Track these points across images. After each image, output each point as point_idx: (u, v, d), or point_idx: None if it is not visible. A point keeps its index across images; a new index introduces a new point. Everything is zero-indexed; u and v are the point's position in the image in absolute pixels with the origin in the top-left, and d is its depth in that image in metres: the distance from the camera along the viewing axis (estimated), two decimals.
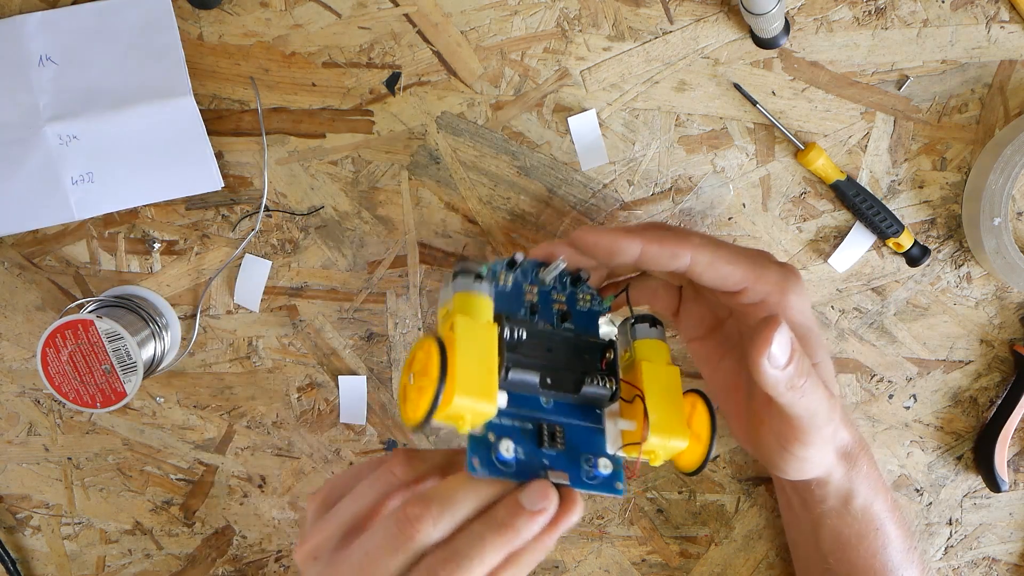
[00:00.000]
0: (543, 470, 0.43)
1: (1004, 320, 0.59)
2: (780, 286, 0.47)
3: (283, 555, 0.63)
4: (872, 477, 0.53)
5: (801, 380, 0.44)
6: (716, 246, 0.47)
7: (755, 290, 0.47)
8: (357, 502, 0.44)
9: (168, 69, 0.56)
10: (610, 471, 0.44)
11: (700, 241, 0.46)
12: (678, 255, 0.46)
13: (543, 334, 0.46)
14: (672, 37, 0.56)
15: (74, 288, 0.60)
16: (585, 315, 0.49)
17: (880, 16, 0.56)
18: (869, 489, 0.52)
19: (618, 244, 0.46)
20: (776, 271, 0.48)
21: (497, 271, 0.47)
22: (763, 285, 0.47)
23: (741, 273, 0.47)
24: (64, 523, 0.63)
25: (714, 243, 0.47)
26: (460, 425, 0.41)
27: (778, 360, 0.43)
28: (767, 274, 0.47)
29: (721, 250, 0.47)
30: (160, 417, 0.62)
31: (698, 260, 0.46)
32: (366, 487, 0.45)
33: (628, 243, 0.46)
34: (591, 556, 0.62)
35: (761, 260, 0.48)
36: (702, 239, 0.47)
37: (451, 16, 0.56)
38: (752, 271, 0.47)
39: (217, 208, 0.59)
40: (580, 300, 0.49)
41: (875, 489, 0.53)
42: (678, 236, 0.46)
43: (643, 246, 0.46)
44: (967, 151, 0.58)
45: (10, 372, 0.61)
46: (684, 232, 0.47)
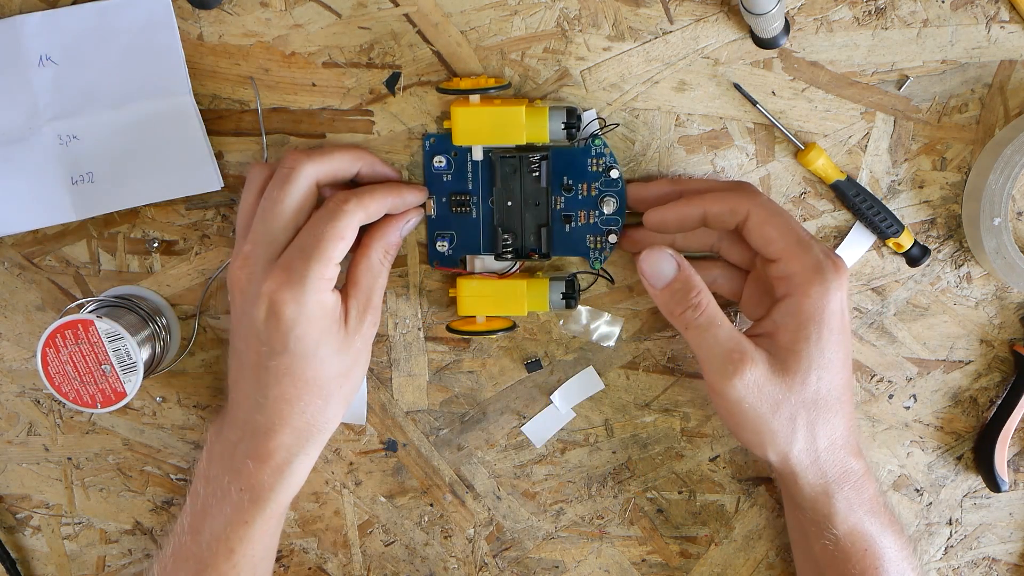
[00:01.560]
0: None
1: (1004, 320, 0.59)
2: (811, 272, 0.49)
3: (283, 555, 0.63)
4: (859, 501, 0.52)
5: (679, 309, 0.50)
6: (774, 212, 0.51)
7: (786, 264, 0.50)
8: (272, 205, 0.52)
9: (168, 69, 0.56)
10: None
11: (762, 201, 0.51)
12: (737, 211, 0.51)
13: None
14: (672, 37, 0.56)
15: (74, 288, 0.60)
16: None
17: (880, 16, 0.56)
18: (854, 513, 0.52)
19: (684, 212, 0.52)
20: (816, 258, 0.49)
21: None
22: (794, 264, 0.50)
23: (782, 244, 0.50)
24: (64, 523, 0.63)
25: (774, 209, 0.51)
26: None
27: (649, 278, 0.51)
28: (804, 256, 0.49)
29: (777, 217, 0.50)
30: (160, 417, 0.62)
31: (754, 215, 0.50)
32: (276, 191, 0.52)
33: (691, 209, 0.52)
34: (591, 556, 0.62)
35: (808, 244, 0.50)
36: (765, 201, 0.51)
37: (451, 16, 0.56)
38: (793, 247, 0.50)
39: (217, 208, 0.59)
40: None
41: (865, 511, 0.52)
42: (740, 194, 0.51)
43: (705, 209, 0.51)
44: (967, 151, 0.58)
45: (10, 372, 0.61)
46: (747, 191, 0.51)
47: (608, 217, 0.57)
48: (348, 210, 0.51)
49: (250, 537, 0.53)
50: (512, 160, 0.56)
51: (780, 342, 0.50)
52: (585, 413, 0.61)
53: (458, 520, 0.62)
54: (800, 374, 0.50)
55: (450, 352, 0.60)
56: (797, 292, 0.50)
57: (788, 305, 0.50)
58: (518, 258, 0.57)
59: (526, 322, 0.60)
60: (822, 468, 0.51)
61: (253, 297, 0.51)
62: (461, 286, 0.57)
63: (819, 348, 0.50)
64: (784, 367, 0.50)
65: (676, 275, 0.51)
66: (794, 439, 0.50)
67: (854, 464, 0.52)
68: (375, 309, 0.55)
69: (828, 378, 0.50)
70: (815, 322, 0.49)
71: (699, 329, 0.50)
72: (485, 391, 0.61)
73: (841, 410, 0.51)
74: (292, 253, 0.50)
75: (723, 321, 0.50)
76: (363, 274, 0.54)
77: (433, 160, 0.57)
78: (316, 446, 0.54)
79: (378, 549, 0.63)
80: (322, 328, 0.51)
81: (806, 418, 0.50)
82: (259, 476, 0.53)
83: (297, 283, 0.50)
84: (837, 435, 0.51)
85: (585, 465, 0.62)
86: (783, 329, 0.50)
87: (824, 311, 0.49)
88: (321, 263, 0.50)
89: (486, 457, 0.62)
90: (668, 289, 0.51)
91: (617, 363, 0.60)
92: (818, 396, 0.50)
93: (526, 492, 0.62)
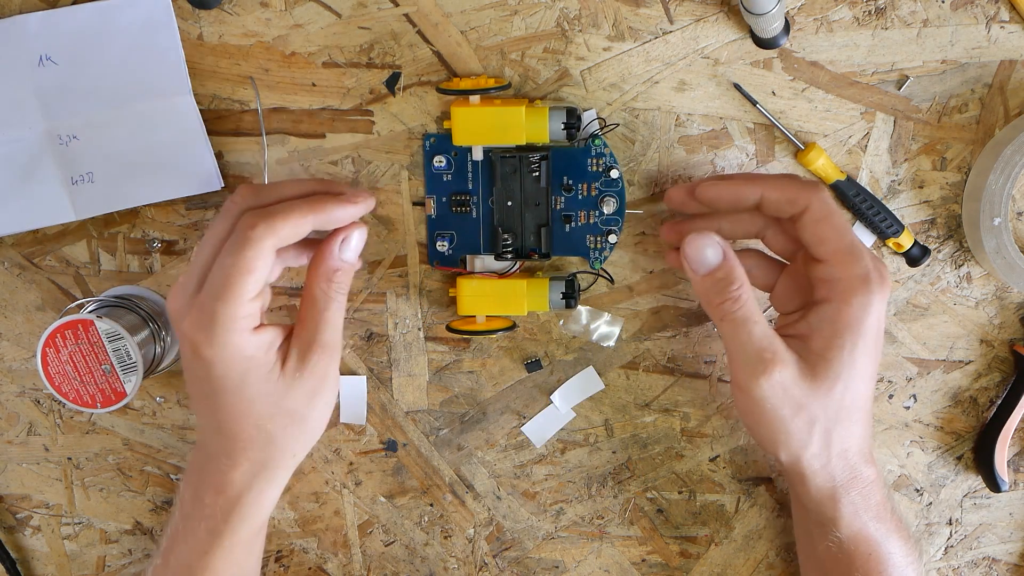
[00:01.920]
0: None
1: (1004, 320, 0.59)
2: (857, 282, 0.48)
3: (283, 555, 0.63)
4: (865, 506, 0.51)
5: (718, 299, 0.49)
6: (833, 211, 0.49)
7: (832, 268, 0.49)
8: (207, 236, 0.49)
9: (168, 69, 0.56)
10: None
11: (824, 197, 0.49)
12: (797, 202, 0.49)
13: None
14: (672, 37, 0.56)
15: (74, 288, 0.60)
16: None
17: (880, 16, 0.56)
18: (859, 517, 0.51)
19: (741, 192, 0.50)
20: (865, 268, 0.48)
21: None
22: (842, 270, 0.49)
23: (834, 247, 0.49)
24: (64, 523, 0.63)
25: (833, 208, 0.49)
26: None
27: (692, 263, 0.50)
28: (854, 264, 0.48)
29: (835, 217, 0.49)
30: (160, 417, 0.62)
31: (813, 210, 0.49)
32: (215, 224, 0.49)
33: (750, 189, 0.50)
34: (591, 556, 0.62)
35: (859, 252, 0.49)
36: (827, 198, 0.49)
37: (451, 16, 0.56)
38: (844, 252, 0.49)
39: (217, 208, 0.59)
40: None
41: (870, 516, 0.52)
42: (803, 185, 0.50)
43: (764, 192, 0.50)
44: (967, 151, 0.58)
45: (10, 372, 0.61)
46: (811, 184, 0.50)
47: (608, 217, 0.57)
48: (254, 237, 0.46)
49: (213, 567, 0.52)
50: (512, 160, 0.56)
51: (813, 347, 0.49)
52: (585, 413, 0.61)
53: (458, 520, 0.62)
54: (828, 382, 0.49)
55: (450, 352, 0.60)
56: (838, 299, 0.48)
57: (827, 311, 0.49)
58: (518, 258, 0.57)
59: (526, 322, 0.60)
60: (831, 472, 0.51)
61: (180, 335, 0.49)
62: (461, 286, 0.57)
63: (851, 358, 0.49)
64: (813, 373, 0.49)
65: (720, 264, 0.49)
66: (809, 443, 0.50)
67: (864, 470, 0.51)
68: (325, 348, 0.50)
69: (854, 388, 0.49)
70: (851, 332, 0.48)
71: (735, 323, 0.49)
72: (485, 391, 0.61)
73: (860, 419, 0.51)
74: (204, 292, 0.47)
75: (759, 318, 0.49)
76: (307, 310, 0.51)
77: (433, 160, 0.57)
78: (270, 481, 0.52)
79: (378, 549, 0.63)
80: (244, 369, 0.48)
81: (824, 424, 0.50)
82: (214, 508, 0.51)
83: (208, 325, 0.47)
84: (852, 443, 0.51)
85: (585, 465, 0.62)
86: (818, 334, 0.49)
87: (863, 323, 0.48)
88: (231, 303, 0.46)
89: (486, 457, 0.62)
90: (710, 277, 0.49)
91: (617, 363, 0.60)
92: (841, 405, 0.49)
93: (526, 492, 0.62)
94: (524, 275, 0.58)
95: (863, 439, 0.51)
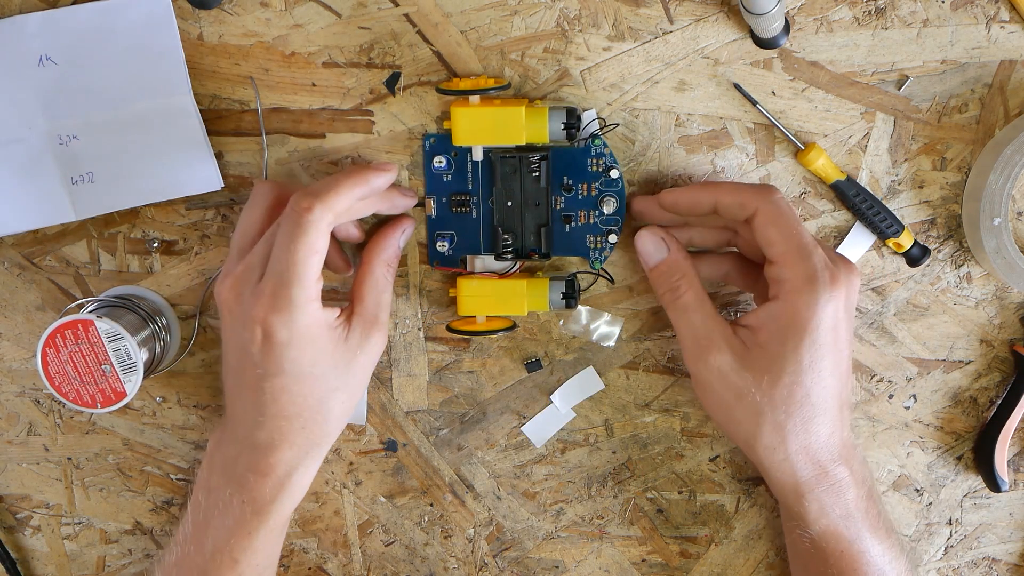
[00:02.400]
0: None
1: (1004, 320, 0.59)
2: (801, 282, 0.50)
3: (283, 555, 0.63)
4: (833, 504, 0.52)
5: (662, 289, 0.54)
6: (781, 214, 0.51)
7: (780, 269, 0.50)
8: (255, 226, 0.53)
9: (168, 69, 0.56)
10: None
11: (774, 200, 0.51)
12: (747, 206, 0.51)
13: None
14: (672, 37, 0.56)
15: (74, 288, 0.60)
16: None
17: (880, 16, 0.56)
18: (826, 516, 0.52)
19: (697, 197, 0.53)
20: (811, 268, 0.50)
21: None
22: (788, 270, 0.50)
23: (782, 248, 0.50)
24: (64, 523, 0.63)
25: (782, 211, 0.51)
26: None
27: (642, 257, 0.55)
28: (799, 264, 0.50)
29: (782, 219, 0.51)
30: (160, 417, 0.62)
31: (762, 213, 0.51)
32: (256, 213, 0.53)
33: (705, 194, 0.53)
34: (591, 556, 0.62)
35: (807, 252, 0.50)
36: (777, 201, 0.51)
37: (451, 16, 0.56)
38: (791, 252, 0.50)
39: (217, 208, 0.59)
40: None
41: (840, 515, 0.52)
42: (754, 190, 0.52)
43: (717, 197, 0.52)
44: (967, 151, 0.58)
45: (10, 372, 0.61)
46: (762, 188, 0.52)
47: (608, 217, 0.57)
48: (314, 220, 0.48)
49: (253, 548, 0.53)
50: (512, 160, 0.56)
51: (759, 339, 0.51)
52: (585, 413, 0.61)
53: (458, 520, 0.62)
54: (771, 374, 0.50)
55: (450, 352, 0.60)
56: (784, 298, 0.50)
57: (774, 308, 0.51)
58: (518, 258, 0.57)
59: (526, 322, 0.60)
60: (793, 469, 0.52)
61: (244, 321, 0.50)
62: (461, 286, 0.57)
63: (796, 355, 0.50)
64: (754, 363, 0.51)
65: (665, 258, 0.54)
66: (759, 433, 0.51)
67: (835, 469, 0.52)
68: (382, 326, 0.54)
69: (807, 383, 0.50)
70: (796, 330, 0.50)
71: (677, 310, 0.53)
72: (485, 391, 0.61)
73: (822, 416, 0.51)
74: (272, 278, 0.49)
75: (702, 307, 0.52)
76: (368, 292, 0.54)
77: (433, 160, 0.57)
78: (317, 458, 0.54)
79: (378, 549, 0.63)
80: (317, 348, 0.51)
81: (773, 417, 0.51)
82: (260, 489, 0.52)
83: (284, 308, 0.49)
84: (813, 440, 0.51)
85: (585, 465, 0.62)
86: (765, 329, 0.51)
87: (809, 322, 0.49)
88: (302, 286, 0.49)
89: (486, 457, 0.62)
90: (656, 270, 0.54)
91: (617, 363, 0.60)
92: (791, 399, 0.50)
93: (526, 492, 0.62)
94: (524, 275, 0.58)
95: (831, 437, 0.52)
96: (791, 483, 0.52)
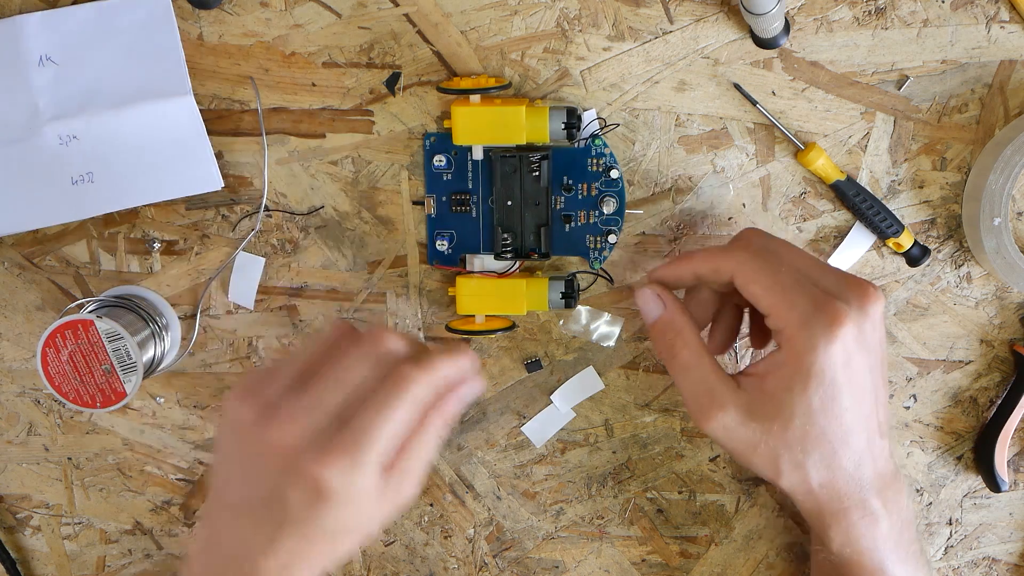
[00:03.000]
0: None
1: (1004, 320, 0.59)
2: (796, 328, 0.49)
3: None
4: (860, 536, 0.51)
5: (660, 346, 0.52)
6: (756, 269, 0.50)
7: (774, 320, 0.49)
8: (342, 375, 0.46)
9: (168, 69, 0.56)
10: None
11: (746, 258, 0.50)
12: (721, 271, 0.51)
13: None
14: (672, 37, 0.56)
15: (74, 288, 0.60)
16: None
17: (880, 16, 0.56)
18: (851, 545, 0.51)
19: (680, 273, 0.53)
20: (802, 313, 0.48)
21: None
22: (780, 320, 0.49)
23: (768, 301, 0.49)
24: (64, 523, 0.63)
25: (757, 266, 0.50)
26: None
27: (642, 313, 0.53)
28: (789, 313, 0.49)
29: (759, 274, 0.49)
30: (160, 417, 0.62)
31: (737, 276, 0.50)
32: (354, 363, 0.46)
33: (685, 270, 0.52)
34: (591, 556, 0.62)
35: (793, 299, 0.49)
36: (749, 258, 0.50)
37: (451, 16, 0.56)
38: (778, 303, 0.49)
39: (217, 208, 0.59)
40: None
41: (867, 546, 0.51)
42: (724, 255, 0.51)
43: (695, 270, 0.52)
44: (967, 151, 0.58)
45: (10, 372, 0.61)
46: (732, 251, 0.51)
47: (608, 217, 0.57)
48: (414, 395, 0.45)
49: None
50: (512, 160, 0.56)
51: (766, 388, 0.50)
52: (585, 413, 0.61)
53: (458, 520, 0.62)
54: (781, 420, 0.49)
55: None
56: (783, 346, 0.49)
57: (777, 356, 0.50)
58: (518, 257, 0.57)
59: (526, 322, 0.60)
60: (817, 502, 0.51)
61: (295, 468, 0.44)
62: (460, 285, 0.57)
63: (804, 399, 0.49)
64: (763, 413, 0.50)
65: (661, 316, 0.53)
66: (780, 474, 0.50)
67: (864, 501, 0.51)
68: (418, 483, 0.48)
69: (820, 424, 0.49)
70: (800, 377, 0.49)
71: (675, 370, 0.52)
72: (485, 391, 0.61)
73: (844, 451, 0.50)
74: (354, 431, 0.44)
75: (700, 365, 0.51)
76: (416, 449, 0.47)
77: (433, 160, 0.57)
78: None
79: (378, 549, 0.63)
80: (361, 504, 0.45)
81: (791, 458, 0.50)
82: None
83: (354, 467, 0.44)
84: (838, 475, 0.50)
85: (585, 465, 0.62)
86: (771, 377, 0.50)
87: (812, 367, 0.48)
88: (384, 446, 0.45)
89: (486, 457, 0.62)
90: (654, 327, 0.53)
91: (617, 363, 0.60)
92: (806, 439, 0.49)
93: (526, 492, 0.62)
94: (524, 275, 0.58)
95: (858, 470, 0.50)
96: (816, 512, 0.51)
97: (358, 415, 0.45)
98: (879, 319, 0.50)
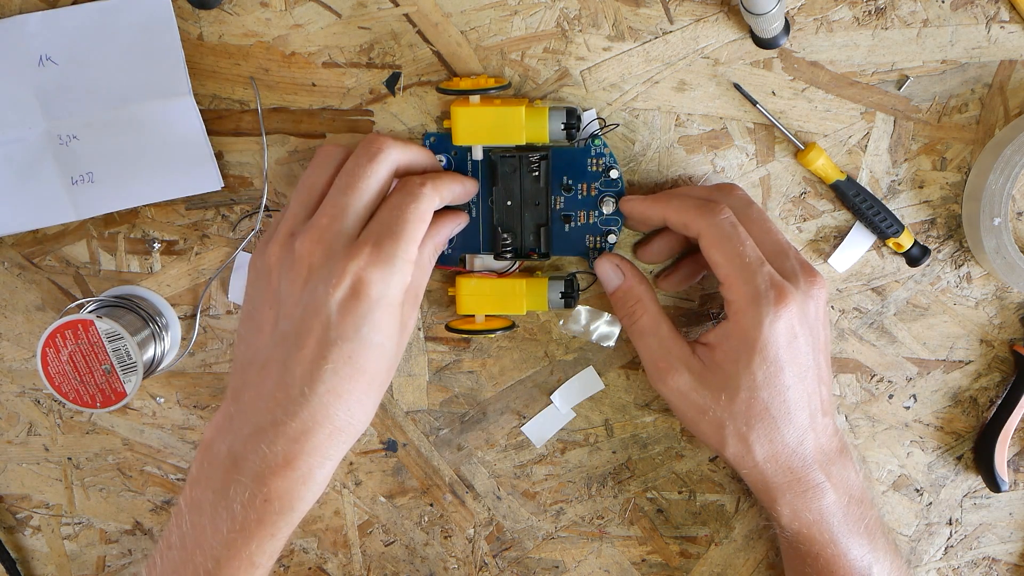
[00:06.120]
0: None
1: (1004, 320, 0.59)
2: (746, 302, 0.51)
3: (283, 555, 0.63)
4: (806, 509, 0.52)
5: (621, 313, 0.55)
6: (724, 236, 0.51)
7: (727, 290, 0.51)
8: (357, 182, 0.50)
9: (168, 69, 0.56)
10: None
11: (718, 221, 0.51)
12: (690, 227, 0.52)
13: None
14: (672, 37, 0.56)
15: (74, 288, 0.60)
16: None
17: (880, 16, 0.56)
18: (799, 519, 0.52)
19: (648, 211, 0.54)
20: (755, 288, 0.50)
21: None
22: (733, 292, 0.51)
23: (725, 270, 0.51)
24: (64, 523, 0.63)
25: (725, 233, 0.51)
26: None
27: (602, 282, 0.56)
28: (743, 286, 0.51)
29: (725, 242, 0.51)
30: (160, 417, 0.62)
31: (704, 237, 0.51)
32: (365, 170, 0.50)
33: (655, 211, 0.54)
34: (591, 556, 0.62)
35: (751, 272, 0.51)
36: (721, 222, 0.51)
37: (451, 16, 0.56)
38: (735, 274, 0.51)
39: (217, 208, 0.59)
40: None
41: (814, 519, 0.52)
42: (699, 211, 0.52)
43: (665, 215, 0.53)
44: (967, 151, 0.58)
45: (10, 372, 0.61)
46: (707, 209, 0.52)
47: (607, 217, 0.57)
48: (426, 193, 0.50)
49: (275, 549, 0.49)
50: (512, 160, 0.56)
51: (715, 357, 0.52)
52: (585, 413, 0.61)
53: (458, 520, 0.62)
54: (728, 390, 0.51)
55: (450, 352, 0.60)
56: (733, 318, 0.51)
57: (726, 327, 0.52)
58: (517, 257, 0.57)
59: (526, 322, 0.60)
60: (763, 475, 0.52)
61: (330, 275, 0.47)
62: (460, 285, 0.57)
63: (748, 373, 0.50)
64: (712, 381, 0.52)
65: (620, 284, 0.55)
66: (724, 444, 0.52)
67: (807, 475, 0.52)
68: (418, 307, 0.55)
69: (764, 398, 0.51)
70: (746, 348, 0.50)
71: (635, 335, 0.55)
72: (485, 391, 0.61)
73: (786, 427, 0.51)
74: (378, 231, 0.48)
75: (658, 331, 0.53)
76: (416, 269, 0.52)
77: None
78: (344, 449, 0.49)
79: (378, 549, 0.63)
80: (393, 315, 0.48)
81: (736, 429, 0.51)
82: (285, 484, 0.47)
83: (387, 262, 0.47)
84: (780, 448, 0.52)
85: (585, 465, 0.62)
86: (719, 347, 0.52)
87: (756, 342, 0.50)
88: (410, 243, 0.48)
89: (486, 457, 0.62)
90: (614, 295, 0.56)
91: (617, 363, 0.60)
92: (750, 412, 0.51)
93: (526, 492, 0.62)
94: (523, 275, 0.58)
95: (800, 446, 0.52)
96: (763, 487, 0.53)
97: (377, 217, 0.49)
98: (823, 303, 0.52)
